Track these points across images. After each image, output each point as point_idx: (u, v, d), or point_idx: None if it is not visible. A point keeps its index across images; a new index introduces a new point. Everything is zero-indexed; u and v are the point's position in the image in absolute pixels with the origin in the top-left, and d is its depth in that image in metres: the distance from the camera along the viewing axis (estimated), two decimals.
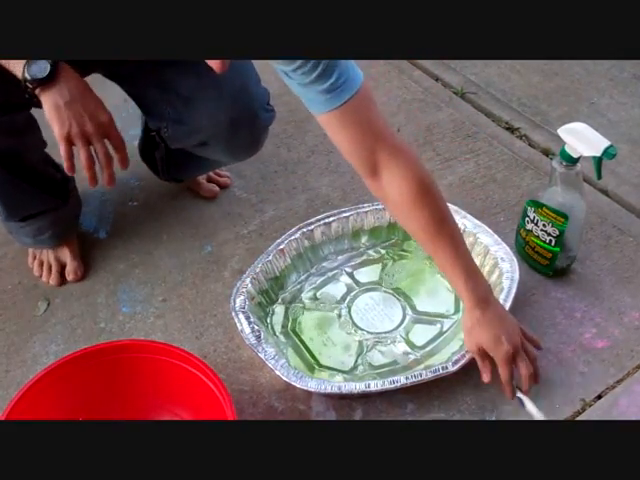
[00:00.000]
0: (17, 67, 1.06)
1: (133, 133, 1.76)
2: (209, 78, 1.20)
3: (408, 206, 1.13)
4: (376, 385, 1.16)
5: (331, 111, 1.07)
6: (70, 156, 1.13)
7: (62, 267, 1.42)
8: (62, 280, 1.42)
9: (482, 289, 1.17)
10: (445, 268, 1.17)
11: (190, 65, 1.23)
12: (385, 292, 1.38)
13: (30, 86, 1.06)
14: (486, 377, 1.18)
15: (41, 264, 1.42)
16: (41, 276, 1.42)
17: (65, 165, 1.13)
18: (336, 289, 1.39)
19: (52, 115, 1.09)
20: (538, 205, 1.32)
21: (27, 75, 1.05)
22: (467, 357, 1.19)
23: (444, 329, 1.30)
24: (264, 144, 1.41)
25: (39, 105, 1.10)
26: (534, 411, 1.16)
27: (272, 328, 1.31)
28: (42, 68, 1.06)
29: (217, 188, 1.61)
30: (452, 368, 1.17)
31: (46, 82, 1.07)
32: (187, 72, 1.25)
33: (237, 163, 1.52)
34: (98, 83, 1.28)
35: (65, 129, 1.09)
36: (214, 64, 0.94)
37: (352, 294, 1.37)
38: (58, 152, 1.12)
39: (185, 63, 1.23)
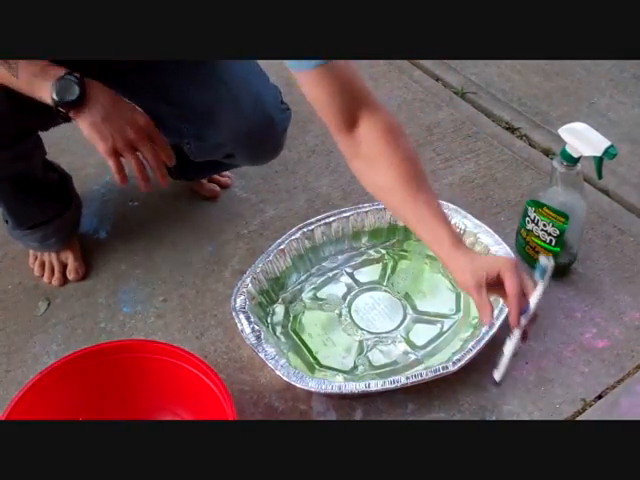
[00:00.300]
0: (43, 92, 1.06)
1: None
2: (223, 90, 1.21)
3: (384, 151, 1.09)
4: (376, 385, 1.16)
5: (316, 68, 1.03)
6: (121, 169, 1.14)
7: (64, 267, 1.42)
8: (64, 280, 1.42)
9: (459, 236, 1.13)
10: (424, 215, 1.09)
11: (202, 77, 1.23)
12: (385, 292, 1.38)
13: (63, 110, 1.07)
14: (487, 318, 1.07)
15: (42, 265, 1.42)
16: (42, 277, 1.42)
17: (118, 178, 1.15)
18: (336, 289, 1.39)
19: (92, 134, 1.09)
20: (539, 205, 1.32)
21: (56, 99, 1.05)
22: (467, 357, 1.19)
23: (444, 329, 1.30)
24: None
25: (69, 120, 1.11)
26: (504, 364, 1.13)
27: (272, 328, 1.31)
28: (71, 90, 1.06)
29: (218, 188, 1.61)
30: (452, 368, 1.17)
31: (78, 104, 1.07)
32: (200, 85, 1.24)
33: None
34: None
35: (109, 144, 1.10)
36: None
37: (352, 294, 1.37)
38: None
39: (196, 75, 1.23)
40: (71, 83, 1.06)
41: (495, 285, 1.06)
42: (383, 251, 1.45)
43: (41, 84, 1.06)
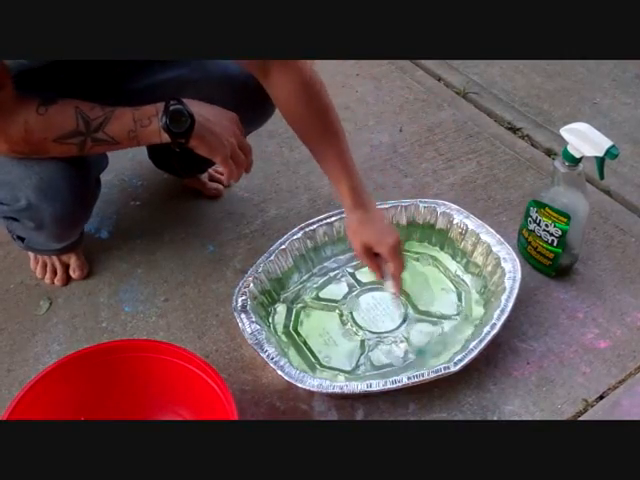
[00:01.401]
0: (153, 137, 1.08)
1: None
2: (209, 64, 1.24)
3: (294, 104, 1.19)
4: (378, 385, 1.16)
5: None
6: (233, 169, 1.16)
7: (66, 267, 1.42)
8: (68, 279, 1.42)
9: (364, 191, 1.24)
10: (330, 168, 1.22)
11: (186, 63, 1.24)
12: (387, 292, 1.37)
13: (183, 141, 1.08)
14: (378, 274, 1.27)
15: (44, 266, 1.42)
16: (44, 278, 1.42)
17: (233, 180, 1.18)
18: (338, 289, 1.39)
19: (211, 151, 1.12)
20: (540, 205, 1.32)
21: (177, 131, 1.07)
22: (469, 357, 1.18)
23: (446, 329, 1.30)
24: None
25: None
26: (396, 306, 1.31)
27: (274, 328, 1.31)
28: (182, 119, 1.07)
29: (221, 187, 1.61)
30: (454, 368, 1.17)
31: (191, 131, 1.08)
32: (185, 67, 1.25)
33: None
34: None
35: (227, 152, 1.13)
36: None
37: (354, 294, 1.37)
38: None
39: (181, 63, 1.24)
40: (178, 112, 1.07)
41: None
42: None
43: (145, 132, 1.08)
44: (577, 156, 1.25)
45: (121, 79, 1.23)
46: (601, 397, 1.22)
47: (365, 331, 1.31)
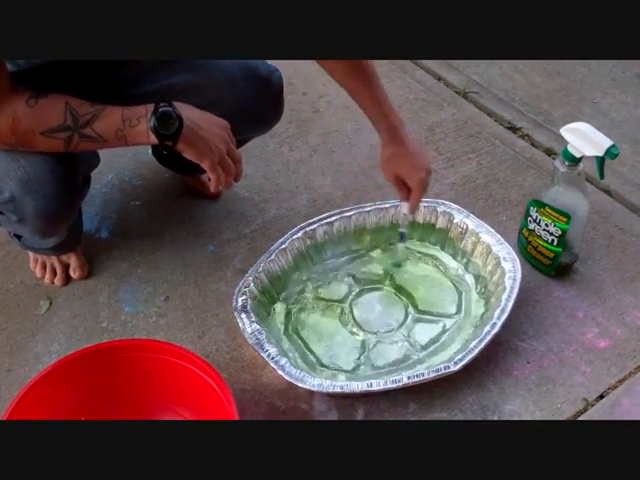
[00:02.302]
0: (139, 137, 1.08)
1: None
2: (214, 68, 1.23)
3: (344, 73, 1.25)
4: (378, 385, 1.16)
5: None
6: (220, 177, 1.15)
7: (66, 267, 1.42)
8: (67, 280, 1.42)
9: (401, 124, 1.30)
10: (368, 104, 1.28)
11: (189, 64, 1.24)
12: (387, 291, 1.38)
13: (170, 144, 1.08)
14: (404, 197, 1.33)
15: (44, 266, 1.42)
16: (44, 278, 1.42)
17: (221, 188, 1.17)
18: (338, 288, 1.39)
19: (198, 156, 1.11)
20: (540, 205, 1.32)
21: (166, 133, 1.06)
22: (469, 357, 1.18)
23: (446, 329, 1.30)
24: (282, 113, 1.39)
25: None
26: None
27: (274, 327, 1.31)
28: (171, 121, 1.06)
29: (220, 187, 1.61)
30: (454, 368, 1.17)
31: (178, 133, 1.07)
32: (189, 70, 1.24)
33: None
34: None
35: (214, 158, 1.12)
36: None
37: (354, 293, 1.37)
38: None
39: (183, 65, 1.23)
40: (166, 114, 1.06)
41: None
42: (385, 251, 1.45)
43: (133, 131, 1.07)
44: (577, 156, 1.25)
45: (124, 84, 1.23)
46: (601, 396, 1.22)
47: (365, 331, 1.31)
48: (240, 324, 1.25)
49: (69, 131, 1.06)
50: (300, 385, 1.16)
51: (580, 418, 1.19)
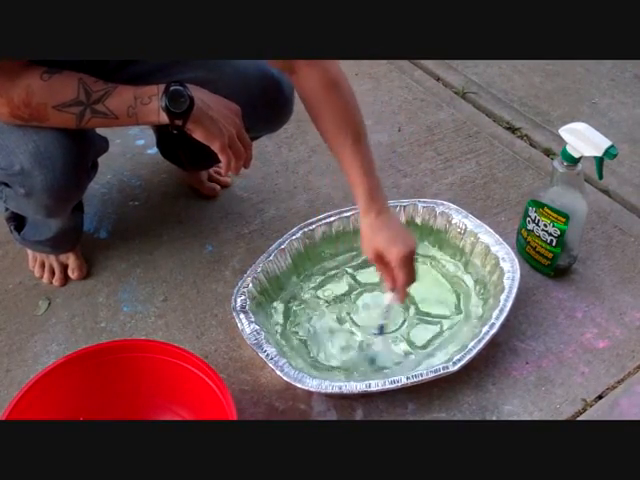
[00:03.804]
0: (151, 116, 1.10)
1: (132, 133, 1.76)
2: (225, 66, 1.24)
3: (316, 100, 1.17)
4: (377, 385, 1.16)
5: None
6: (231, 160, 1.16)
7: (64, 267, 1.42)
8: (65, 280, 1.42)
9: (380, 195, 1.19)
10: (346, 167, 1.18)
11: (202, 62, 1.24)
12: (386, 292, 1.37)
13: (179, 122, 1.09)
14: (389, 284, 1.20)
15: (42, 266, 1.42)
16: (42, 277, 1.42)
17: (233, 169, 1.17)
18: (337, 289, 1.39)
19: (209, 135, 1.12)
20: (539, 205, 1.32)
21: (177, 111, 1.08)
22: (468, 357, 1.18)
23: (445, 329, 1.30)
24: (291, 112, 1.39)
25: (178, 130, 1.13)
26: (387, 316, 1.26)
27: (273, 327, 1.31)
28: (181, 99, 1.08)
29: (218, 187, 1.61)
30: (453, 368, 1.17)
31: (189, 112, 1.09)
32: (202, 68, 1.24)
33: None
34: None
35: (225, 140, 1.13)
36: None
37: (353, 294, 1.37)
38: None
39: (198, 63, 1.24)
40: (177, 92, 1.08)
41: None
42: None
43: (144, 109, 1.09)
44: (576, 156, 1.25)
45: (137, 78, 1.23)
46: (600, 397, 1.22)
47: (364, 330, 1.31)
48: (239, 324, 1.24)
49: (81, 106, 1.08)
50: (299, 385, 1.16)
51: (579, 418, 1.19)
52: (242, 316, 1.25)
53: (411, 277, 1.18)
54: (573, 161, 1.26)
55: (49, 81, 1.06)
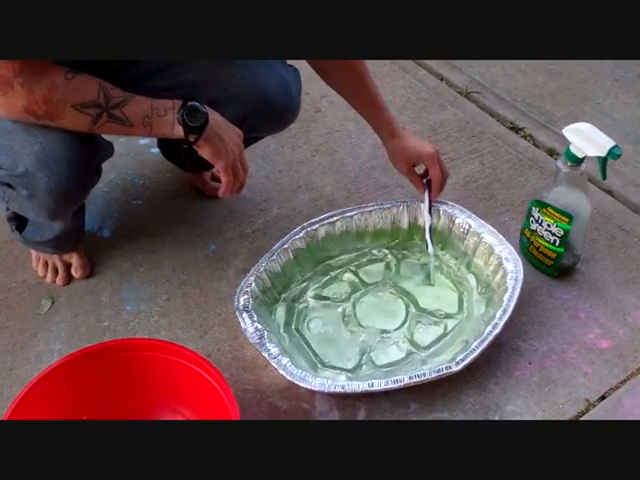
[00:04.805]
0: (165, 128, 1.12)
1: None
2: (236, 68, 1.25)
3: (347, 90, 1.37)
4: (379, 384, 1.16)
5: None
6: (231, 180, 1.20)
7: (68, 267, 1.42)
8: (69, 279, 1.42)
9: (398, 124, 1.39)
10: (367, 112, 1.38)
11: (211, 63, 1.24)
12: (389, 291, 1.37)
13: (194, 138, 1.12)
14: (421, 189, 1.42)
15: (45, 264, 1.42)
16: (45, 277, 1.42)
17: (230, 192, 1.21)
18: (340, 288, 1.39)
19: (215, 155, 1.15)
20: (543, 205, 1.32)
21: (193, 125, 1.11)
22: (471, 357, 1.18)
23: (448, 329, 1.30)
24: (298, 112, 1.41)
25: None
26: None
27: (276, 327, 1.31)
28: (198, 115, 1.11)
29: None
30: (456, 368, 1.17)
31: (204, 128, 1.12)
32: (211, 70, 1.24)
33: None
34: None
35: (230, 161, 1.17)
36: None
37: (356, 293, 1.37)
38: None
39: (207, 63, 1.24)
40: (194, 107, 1.11)
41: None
42: (386, 250, 1.44)
43: (160, 121, 1.11)
44: (580, 156, 1.25)
45: (144, 76, 1.23)
46: (603, 397, 1.22)
47: (367, 330, 1.31)
48: (242, 323, 1.24)
49: (100, 109, 1.09)
50: (301, 385, 1.16)
51: (582, 419, 1.19)
52: (245, 315, 1.25)
53: (445, 170, 1.41)
54: (577, 161, 1.26)
55: (72, 80, 1.07)
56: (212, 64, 1.24)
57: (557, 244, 1.33)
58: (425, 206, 1.42)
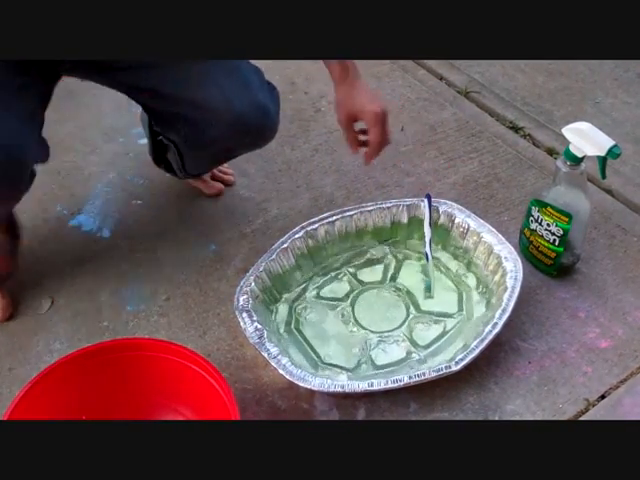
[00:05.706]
0: None
1: (135, 132, 1.76)
2: (214, 88, 1.23)
3: None
4: (379, 384, 1.16)
5: None
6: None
7: None
8: None
9: (353, 66, 1.22)
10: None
11: (191, 74, 1.23)
12: (388, 291, 1.38)
13: None
14: (354, 147, 1.27)
15: None
16: None
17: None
18: (340, 288, 1.39)
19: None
20: (542, 205, 1.32)
21: None
22: (470, 357, 1.18)
23: (447, 328, 1.30)
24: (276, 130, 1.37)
25: None
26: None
27: (275, 326, 1.31)
28: None
29: (221, 186, 1.61)
30: (455, 368, 1.17)
31: None
32: (190, 84, 1.23)
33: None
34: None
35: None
36: None
37: (355, 292, 1.37)
38: None
39: (187, 73, 1.23)
40: None
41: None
42: (386, 250, 1.45)
43: None
44: (579, 155, 1.25)
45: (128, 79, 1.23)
46: (602, 397, 1.22)
47: (366, 330, 1.31)
48: (241, 323, 1.25)
49: None
50: (301, 384, 1.16)
51: (581, 418, 1.19)
52: (244, 315, 1.25)
53: (385, 137, 1.23)
54: (576, 161, 1.26)
55: None
56: (189, 79, 1.22)
57: (557, 243, 1.33)
58: (425, 220, 1.39)
